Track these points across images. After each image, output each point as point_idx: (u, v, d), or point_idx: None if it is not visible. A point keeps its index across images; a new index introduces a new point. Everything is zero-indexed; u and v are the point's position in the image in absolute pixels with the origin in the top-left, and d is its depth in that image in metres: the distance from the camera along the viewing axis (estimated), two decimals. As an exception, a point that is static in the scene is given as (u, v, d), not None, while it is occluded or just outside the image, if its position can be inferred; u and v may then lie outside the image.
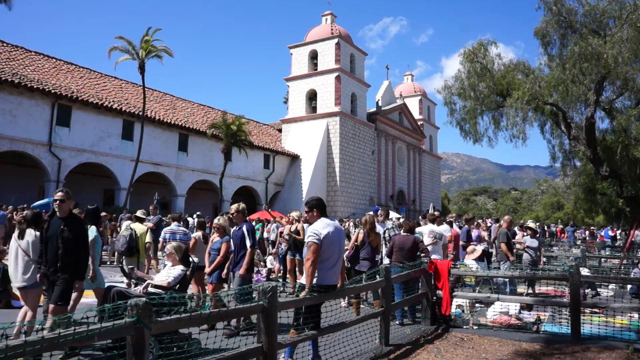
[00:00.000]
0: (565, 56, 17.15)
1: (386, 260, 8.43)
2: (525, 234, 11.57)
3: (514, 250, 11.16)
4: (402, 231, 8.41)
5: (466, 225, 11.58)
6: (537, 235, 11.20)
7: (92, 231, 6.33)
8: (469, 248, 11.11)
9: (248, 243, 6.67)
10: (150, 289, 5.44)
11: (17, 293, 6.09)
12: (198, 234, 8.34)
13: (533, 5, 18.37)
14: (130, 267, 6.40)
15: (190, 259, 6.14)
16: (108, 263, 15.50)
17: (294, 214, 11.06)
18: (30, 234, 5.75)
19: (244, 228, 6.79)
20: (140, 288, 5.54)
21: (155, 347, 4.35)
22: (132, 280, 6.30)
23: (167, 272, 5.78)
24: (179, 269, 5.75)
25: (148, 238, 8.27)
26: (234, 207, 6.97)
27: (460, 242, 11.11)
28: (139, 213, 9.16)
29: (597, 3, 17.36)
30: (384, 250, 8.59)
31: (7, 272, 7.50)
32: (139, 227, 8.38)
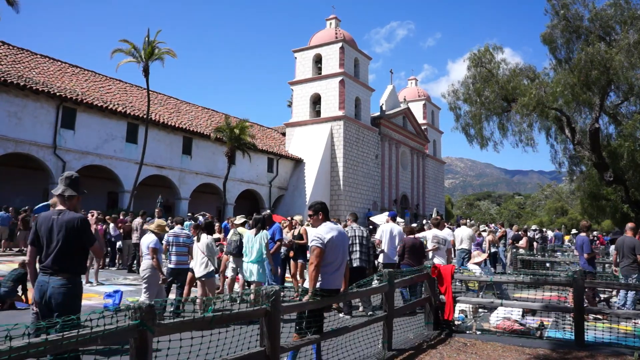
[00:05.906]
0: (572, 62, 17.16)
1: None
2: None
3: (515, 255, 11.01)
4: (405, 234, 9.23)
5: (584, 234, 9.68)
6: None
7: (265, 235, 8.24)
8: (475, 252, 11.03)
9: None
10: None
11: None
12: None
13: (541, 11, 18.48)
14: None
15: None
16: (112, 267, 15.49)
17: (297, 218, 11.19)
18: (205, 237, 7.53)
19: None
20: None
21: None
22: None
23: None
24: None
25: None
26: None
27: (585, 255, 9.34)
28: (239, 219, 10.00)
29: (603, 8, 17.36)
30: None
31: (24, 275, 8.08)
32: (244, 232, 9.27)
